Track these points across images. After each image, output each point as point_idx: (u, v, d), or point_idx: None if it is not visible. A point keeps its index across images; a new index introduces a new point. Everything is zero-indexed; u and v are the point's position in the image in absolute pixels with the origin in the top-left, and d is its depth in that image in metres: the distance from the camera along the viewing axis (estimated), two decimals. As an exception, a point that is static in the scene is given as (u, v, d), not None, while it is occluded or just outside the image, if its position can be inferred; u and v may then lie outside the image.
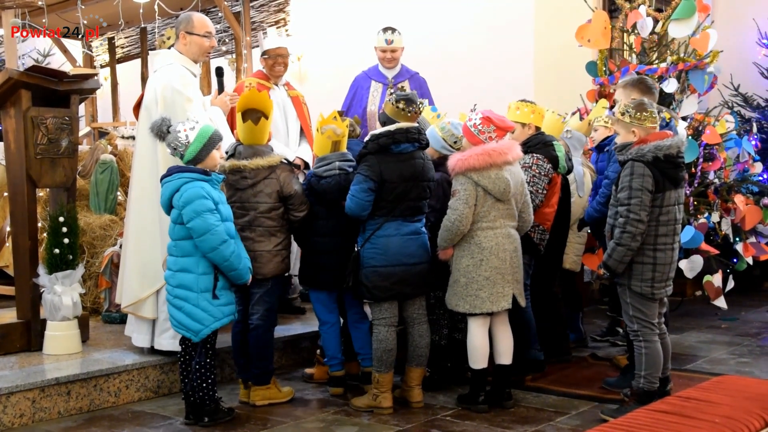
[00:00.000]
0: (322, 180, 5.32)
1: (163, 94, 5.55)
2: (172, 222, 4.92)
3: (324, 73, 10.88)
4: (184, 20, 5.79)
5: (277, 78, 6.86)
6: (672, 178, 4.90)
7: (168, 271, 4.96)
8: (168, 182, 4.90)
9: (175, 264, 4.92)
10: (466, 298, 5.08)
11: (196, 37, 5.76)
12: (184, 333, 4.90)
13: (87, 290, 6.79)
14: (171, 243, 4.96)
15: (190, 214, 4.81)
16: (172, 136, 4.90)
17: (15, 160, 5.67)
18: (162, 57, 5.85)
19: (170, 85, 5.57)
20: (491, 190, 5.01)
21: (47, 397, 5.04)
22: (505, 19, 9.70)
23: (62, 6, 9.05)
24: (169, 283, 4.95)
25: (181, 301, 4.88)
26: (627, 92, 5.48)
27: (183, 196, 4.83)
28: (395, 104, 5.19)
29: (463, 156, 5.03)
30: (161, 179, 4.98)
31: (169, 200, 4.87)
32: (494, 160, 5.00)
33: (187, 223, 4.83)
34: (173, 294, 4.91)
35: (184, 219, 4.83)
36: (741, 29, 10.48)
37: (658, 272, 4.93)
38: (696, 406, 4.49)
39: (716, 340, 7.12)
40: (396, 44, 7.17)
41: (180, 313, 4.88)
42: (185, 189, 4.84)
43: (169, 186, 4.89)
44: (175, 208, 4.87)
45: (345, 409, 5.26)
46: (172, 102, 5.51)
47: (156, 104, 5.54)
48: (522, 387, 5.62)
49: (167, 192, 4.88)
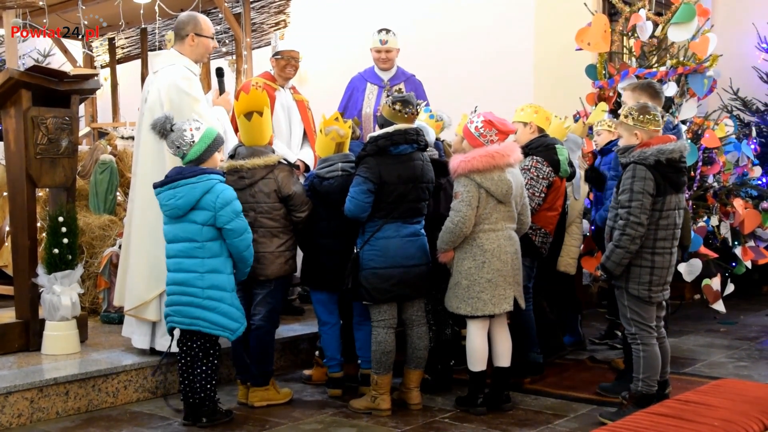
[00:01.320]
0: (325, 181, 5.32)
1: (169, 96, 5.52)
2: (200, 224, 4.86)
3: (323, 74, 10.89)
4: (191, 22, 5.74)
5: (286, 80, 6.88)
6: (673, 183, 4.90)
7: (192, 274, 4.89)
8: (192, 183, 4.84)
9: (202, 266, 4.88)
10: (467, 301, 5.08)
11: (205, 39, 5.76)
12: (219, 333, 4.89)
13: (86, 290, 6.79)
14: (192, 245, 4.88)
15: (230, 215, 4.85)
16: (176, 135, 4.87)
17: (15, 159, 5.67)
18: (163, 58, 5.81)
19: (176, 85, 5.54)
20: (494, 192, 5.01)
21: (45, 397, 5.03)
22: (504, 22, 9.72)
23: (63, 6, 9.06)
24: (196, 286, 4.88)
25: (215, 302, 4.87)
26: (635, 96, 5.48)
27: (219, 197, 4.84)
28: (392, 106, 5.19)
29: (466, 158, 5.03)
30: (173, 180, 4.89)
31: (196, 202, 4.84)
32: (497, 162, 5.00)
33: (226, 225, 4.85)
34: (204, 296, 4.86)
35: (223, 220, 4.84)
36: (740, 33, 10.50)
37: (656, 276, 4.93)
38: (694, 409, 4.50)
39: (715, 344, 7.12)
40: (390, 45, 7.16)
41: (214, 314, 4.86)
42: (220, 190, 4.86)
43: (197, 187, 4.83)
44: (207, 210, 4.84)
45: (343, 411, 5.25)
46: (179, 103, 5.47)
47: (161, 106, 5.50)
48: (521, 389, 5.62)
49: (195, 193, 4.83)
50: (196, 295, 4.88)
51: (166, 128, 4.90)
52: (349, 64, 9.14)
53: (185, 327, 4.92)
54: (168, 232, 4.97)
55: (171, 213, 4.89)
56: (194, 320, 4.89)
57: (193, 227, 4.88)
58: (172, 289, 4.97)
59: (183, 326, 4.93)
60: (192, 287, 4.88)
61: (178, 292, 4.93)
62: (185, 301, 4.90)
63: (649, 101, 5.27)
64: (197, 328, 4.89)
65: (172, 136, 4.89)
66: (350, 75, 7.59)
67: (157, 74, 5.69)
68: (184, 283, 4.90)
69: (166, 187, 4.89)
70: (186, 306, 4.90)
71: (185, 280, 4.90)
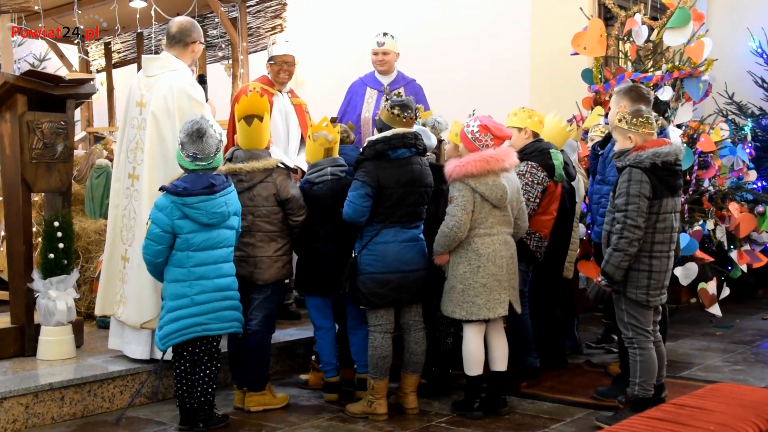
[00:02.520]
0: (315, 186, 5.32)
1: (179, 103, 5.48)
2: (236, 228, 5.00)
3: (320, 78, 10.88)
4: (196, 29, 5.75)
5: (281, 85, 6.87)
6: (669, 186, 4.90)
7: (230, 278, 4.98)
8: (230, 192, 4.95)
9: (232, 269, 5.02)
10: (462, 305, 5.08)
11: (201, 46, 5.83)
12: (239, 330, 5.06)
13: (81, 295, 6.78)
14: (230, 250, 4.99)
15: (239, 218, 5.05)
16: (213, 141, 4.85)
17: (10, 164, 5.66)
18: (162, 62, 5.68)
19: (186, 92, 5.52)
20: (488, 196, 5.02)
21: (41, 402, 5.02)
22: (501, 26, 9.72)
23: (59, 11, 9.04)
24: (233, 288, 5.00)
25: (238, 302, 5.04)
26: (619, 100, 5.48)
27: (237, 202, 5.01)
28: (390, 110, 5.20)
29: (461, 162, 5.04)
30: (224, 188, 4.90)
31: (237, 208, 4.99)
32: (491, 166, 5.01)
33: (239, 228, 5.05)
34: (237, 297, 5.03)
35: (238, 223, 5.02)
36: (735, 38, 10.52)
37: (654, 280, 4.93)
38: (690, 413, 4.50)
39: (711, 348, 7.13)
40: (387, 47, 7.16)
41: (239, 313, 5.05)
42: (235, 195, 5.01)
43: (233, 195, 4.97)
44: (238, 215, 5.01)
45: (340, 416, 5.25)
46: (190, 110, 5.44)
47: (168, 113, 5.47)
48: (517, 394, 5.61)
49: (234, 200, 4.97)
50: (234, 298, 5.00)
51: (208, 133, 4.85)
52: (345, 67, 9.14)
53: (222, 332, 4.99)
54: (203, 239, 4.87)
55: (219, 220, 4.88)
56: (232, 323, 5.01)
57: (230, 233, 4.97)
58: (211, 297, 4.90)
59: (221, 331, 4.98)
60: (232, 290, 5.00)
61: (219, 298, 4.93)
62: (227, 306, 4.96)
63: (631, 105, 5.26)
64: (234, 329, 5.03)
65: (211, 142, 4.85)
66: (347, 78, 7.60)
67: (158, 78, 5.59)
68: (227, 288, 4.96)
69: (217, 195, 4.85)
70: (227, 310, 4.97)
71: (227, 285, 4.97)
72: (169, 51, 5.72)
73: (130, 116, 5.67)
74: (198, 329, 4.88)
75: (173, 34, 5.71)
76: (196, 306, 4.86)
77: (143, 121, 5.58)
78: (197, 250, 4.86)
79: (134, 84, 5.74)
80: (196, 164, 4.86)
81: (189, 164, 4.88)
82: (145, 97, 5.61)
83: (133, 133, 5.64)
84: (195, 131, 4.82)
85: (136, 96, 5.66)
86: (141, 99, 5.62)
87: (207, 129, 4.84)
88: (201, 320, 4.88)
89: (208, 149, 4.84)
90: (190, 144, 4.84)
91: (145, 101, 5.60)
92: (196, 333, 4.88)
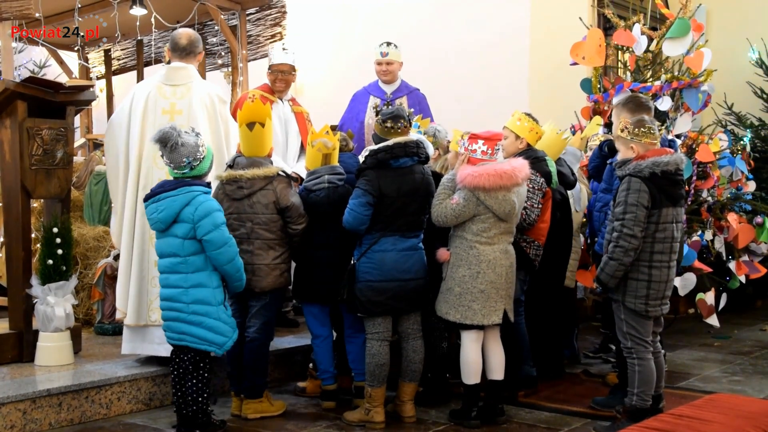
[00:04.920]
0: (312, 194, 5.33)
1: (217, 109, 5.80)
2: (181, 237, 4.83)
3: (319, 86, 10.91)
4: (199, 40, 5.95)
5: (279, 93, 6.88)
6: (670, 195, 4.90)
7: (177, 289, 4.86)
8: (173, 196, 4.82)
9: (186, 281, 4.86)
10: (458, 308, 5.08)
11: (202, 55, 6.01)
12: (206, 348, 4.87)
13: (80, 301, 6.79)
14: (176, 260, 4.86)
15: (208, 226, 4.81)
16: (188, 149, 4.82)
17: (10, 170, 5.67)
18: (188, 72, 5.84)
19: (222, 99, 5.88)
20: (496, 210, 5.02)
21: (38, 408, 5.02)
22: (500, 36, 9.74)
23: (59, 18, 9.07)
24: (181, 301, 4.86)
25: (200, 317, 4.84)
26: (620, 112, 5.49)
27: (198, 209, 4.80)
28: (383, 125, 5.20)
29: (475, 172, 5.00)
30: (157, 194, 4.87)
31: (177, 215, 4.81)
32: (504, 182, 5.00)
33: (204, 236, 4.81)
34: (189, 311, 4.85)
35: (201, 232, 4.81)
36: (735, 49, 10.54)
37: (653, 289, 4.93)
38: (688, 424, 4.49)
39: (709, 358, 7.13)
40: (391, 57, 7.19)
41: (200, 329, 4.85)
42: (199, 202, 4.83)
43: (177, 200, 4.81)
44: (186, 222, 4.81)
45: (337, 423, 5.24)
46: (226, 116, 5.82)
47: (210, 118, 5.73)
48: (514, 403, 5.61)
49: (176, 206, 4.80)
50: (182, 311, 4.87)
51: (177, 142, 4.82)
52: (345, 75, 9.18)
53: (174, 342, 4.93)
54: (157, 247, 4.98)
55: (155, 227, 4.90)
56: (182, 335, 4.89)
57: (175, 241, 4.86)
58: (161, 305, 4.98)
59: (173, 342, 4.94)
60: (178, 302, 4.87)
61: (166, 307, 4.93)
62: (173, 317, 4.90)
63: (630, 115, 5.27)
64: (185, 343, 4.89)
65: (183, 150, 4.82)
66: (346, 86, 7.62)
67: (190, 87, 5.76)
68: (171, 299, 4.90)
69: (150, 201, 4.88)
70: (174, 321, 4.90)
71: (171, 296, 4.89)
72: (183, 62, 5.84)
73: (157, 124, 5.61)
74: (165, 334, 5.01)
75: (184, 45, 5.83)
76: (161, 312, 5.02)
77: None
78: (158, 257, 4.99)
79: (152, 93, 5.77)
80: (176, 172, 4.90)
81: (172, 172, 4.94)
82: (177, 105, 5.71)
83: None
84: (159, 140, 4.83)
85: (162, 104, 5.73)
86: (171, 107, 5.70)
87: (174, 138, 4.80)
88: (163, 326, 5.01)
89: (177, 158, 4.83)
90: (163, 153, 4.88)
91: (178, 108, 5.70)
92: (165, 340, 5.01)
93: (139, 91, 5.84)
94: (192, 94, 5.73)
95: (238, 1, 9.27)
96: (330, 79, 10.65)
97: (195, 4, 8.85)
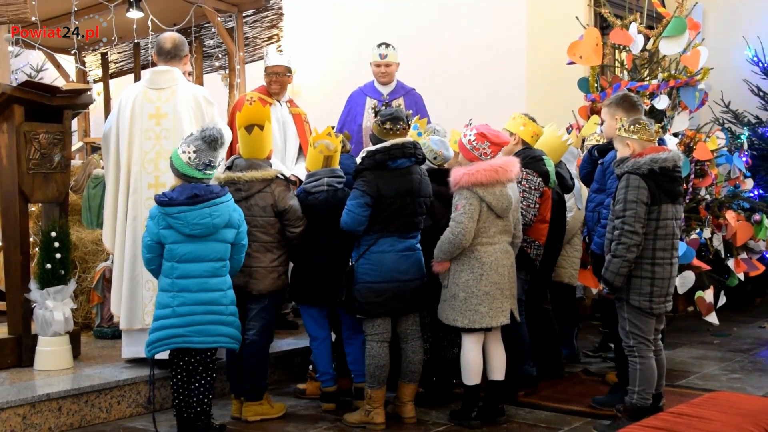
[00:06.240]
0: (310, 196, 5.32)
1: (203, 110, 5.72)
2: (229, 242, 4.88)
3: (317, 88, 10.90)
4: (185, 43, 5.93)
5: (275, 95, 6.88)
6: (668, 192, 4.91)
7: (218, 292, 4.85)
8: (226, 202, 4.86)
9: (225, 283, 4.89)
10: (465, 313, 5.07)
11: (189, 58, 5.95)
12: (234, 346, 4.96)
13: (79, 305, 6.78)
14: (219, 264, 4.85)
15: (246, 231, 4.98)
16: (224, 150, 4.92)
17: (7, 174, 5.67)
18: (172, 75, 5.78)
19: (207, 100, 5.78)
20: (494, 206, 5.02)
21: (38, 413, 5.01)
22: (497, 35, 9.73)
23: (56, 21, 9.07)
24: (222, 303, 4.85)
25: (234, 317, 4.93)
26: (611, 111, 5.48)
27: (240, 214, 4.94)
28: (382, 126, 5.20)
29: (470, 170, 5.03)
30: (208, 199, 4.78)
31: (229, 220, 4.86)
32: (500, 176, 5.02)
33: (242, 240, 4.96)
34: (228, 312, 4.88)
35: (242, 236, 4.95)
36: (731, 47, 10.55)
37: (657, 287, 4.94)
38: (688, 422, 4.49)
39: (708, 356, 7.13)
40: (390, 59, 7.19)
41: (232, 329, 4.92)
42: (236, 208, 4.94)
43: (229, 205, 4.88)
44: (234, 228, 4.89)
45: (337, 425, 5.24)
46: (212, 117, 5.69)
47: (192, 120, 5.62)
48: (515, 403, 5.61)
49: (229, 211, 4.86)
50: (222, 313, 4.87)
51: (223, 142, 4.88)
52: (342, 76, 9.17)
53: (205, 346, 4.85)
54: (187, 251, 4.80)
55: (203, 232, 4.78)
56: (217, 338, 4.87)
57: (222, 246, 4.87)
58: (191, 310, 4.81)
59: (204, 345, 4.85)
60: (219, 305, 4.86)
61: (201, 312, 4.82)
62: (211, 320, 4.84)
63: (625, 114, 5.28)
64: (219, 344, 4.90)
65: (222, 152, 4.91)
66: (344, 87, 7.61)
67: (174, 90, 5.71)
68: (212, 303, 4.84)
69: (199, 206, 4.76)
70: (211, 324, 4.84)
71: (212, 300, 4.84)
72: (167, 65, 5.83)
73: (143, 128, 5.69)
74: (179, 341, 4.82)
75: (168, 49, 5.85)
76: (177, 317, 4.80)
77: (164, 131, 5.68)
78: (181, 262, 4.81)
79: (139, 97, 5.76)
80: (206, 173, 4.85)
81: (196, 173, 4.82)
82: (162, 109, 5.70)
83: (151, 144, 5.69)
84: (214, 140, 4.81)
85: (149, 108, 5.72)
86: (156, 111, 5.70)
87: (226, 138, 4.91)
88: (181, 332, 4.80)
89: (221, 158, 4.90)
90: (207, 151, 4.81)
91: (163, 112, 5.69)
92: (177, 344, 4.83)
93: (125, 97, 5.84)
94: (177, 97, 5.70)
95: (235, 3, 9.27)
96: (328, 80, 10.64)
97: (192, 7, 8.86)
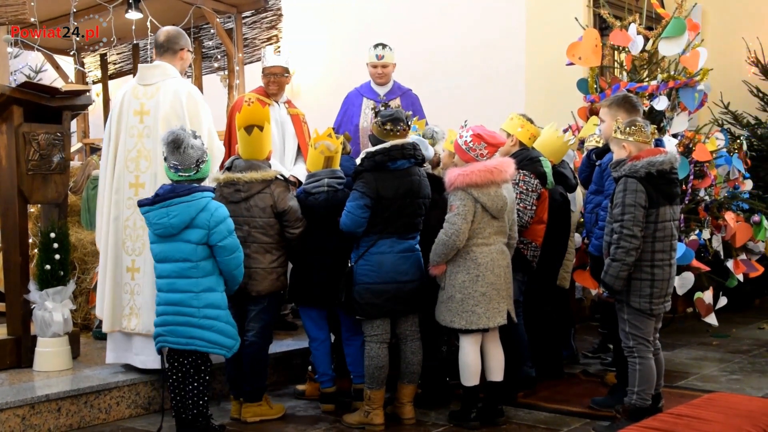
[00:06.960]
0: (310, 197, 5.32)
1: (189, 108, 5.53)
2: (194, 243, 4.81)
3: (315, 88, 10.91)
4: (183, 37, 5.78)
5: (273, 96, 6.87)
6: (666, 194, 4.92)
7: (187, 294, 4.83)
8: (188, 201, 4.78)
9: (197, 285, 4.84)
10: (462, 315, 5.07)
11: (190, 54, 5.85)
12: (216, 351, 4.87)
13: (78, 306, 6.77)
14: (186, 265, 4.82)
15: (224, 232, 4.83)
16: (196, 152, 4.83)
17: (6, 175, 5.67)
18: (160, 70, 5.67)
19: (193, 97, 5.59)
20: (489, 207, 5.02)
21: (37, 414, 5.01)
22: (496, 36, 9.75)
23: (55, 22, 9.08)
24: (191, 305, 4.82)
25: (212, 321, 4.84)
26: (612, 112, 5.48)
27: (214, 215, 4.80)
28: (382, 127, 5.19)
29: (464, 171, 5.03)
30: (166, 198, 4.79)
31: (191, 220, 4.78)
32: (495, 177, 5.02)
33: (219, 242, 4.82)
34: (201, 315, 4.82)
35: (217, 238, 4.81)
36: (730, 48, 10.55)
37: (657, 288, 4.95)
38: (687, 423, 4.49)
39: (707, 357, 7.13)
40: (387, 60, 7.18)
41: (211, 333, 4.84)
42: (214, 208, 4.83)
43: (192, 205, 4.78)
44: (201, 228, 4.80)
45: (337, 426, 5.24)
46: (198, 114, 5.53)
47: (178, 118, 5.47)
48: (514, 404, 5.61)
49: (191, 211, 4.77)
50: (193, 315, 4.83)
51: (188, 143, 4.81)
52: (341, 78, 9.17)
53: (180, 347, 4.87)
54: (158, 251, 4.90)
55: (163, 232, 4.82)
56: (190, 340, 4.84)
57: (187, 247, 4.82)
58: (164, 310, 4.89)
59: (178, 346, 4.87)
60: (188, 307, 4.83)
61: (172, 312, 4.86)
62: (181, 321, 4.84)
63: (626, 116, 5.28)
64: (193, 347, 4.85)
65: (192, 152, 4.82)
66: (343, 89, 7.60)
67: (159, 86, 5.59)
68: (180, 303, 4.84)
69: (158, 206, 4.81)
70: (182, 326, 4.84)
71: (180, 300, 4.84)
72: (160, 59, 5.74)
73: (128, 125, 5.63)
74: (160, 339, 4.91)
75: (161, 42, 5.75)
76: (157, 317, 4.95)
77: (146, 129, 5.57)
78: (157, 261, 4.92)
79: (128, 93, 5.69)
80: (179, 175, 4.85)
81: (173, 175, 4.88)
82: (146, 106, 5.59)
83: (133, 142, 5.61)
84: (171, 141, 4.81)
85: (134, 105, 5.63)
86: (141, 108, 5.61)
87: (186, 140, 4.81)
88: (161, 331, 4.90)
89: (188, 160, 4.82)
90: (170, 154, 4.83)
91: (146, 109, 5.59)
92: (160, 343, 4.92)
93: (118, 94, 5.81)
94: (160, 93, 5.58)
95: (234, 4, 9.27)
96: (326, 81, 10.65)
97: (191, 8, 8.86)
